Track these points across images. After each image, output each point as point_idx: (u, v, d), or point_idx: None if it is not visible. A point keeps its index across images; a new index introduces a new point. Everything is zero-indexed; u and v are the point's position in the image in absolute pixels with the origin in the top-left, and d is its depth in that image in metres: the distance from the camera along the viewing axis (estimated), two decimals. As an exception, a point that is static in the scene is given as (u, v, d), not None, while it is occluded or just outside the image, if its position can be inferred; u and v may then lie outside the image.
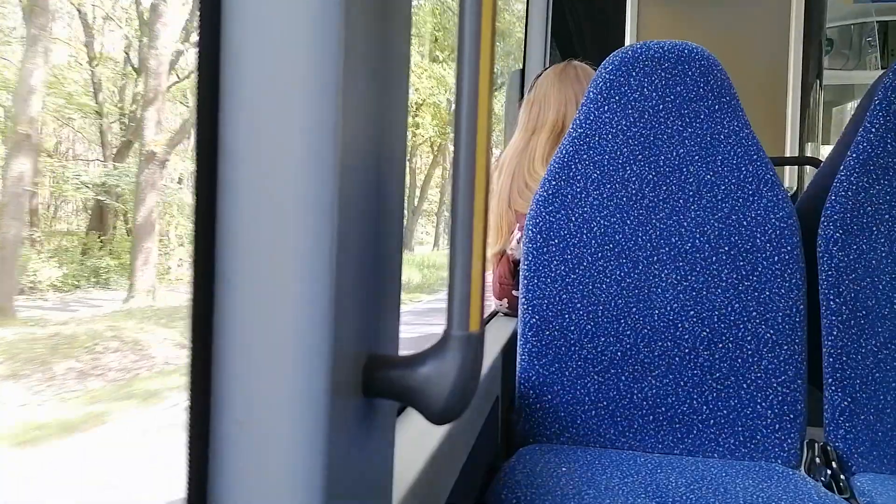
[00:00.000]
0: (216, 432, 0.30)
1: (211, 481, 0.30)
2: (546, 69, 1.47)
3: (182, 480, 0.30)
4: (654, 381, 1.01)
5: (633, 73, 1.04)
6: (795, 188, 2.23)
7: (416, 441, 0.56)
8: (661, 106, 1.04)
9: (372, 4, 0.32)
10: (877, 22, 3.22)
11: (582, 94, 1.34)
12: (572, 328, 1.03)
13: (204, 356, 0.29)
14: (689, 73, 1.03)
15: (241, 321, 0.29)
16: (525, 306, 1.05)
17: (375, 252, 0.34)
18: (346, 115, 0.29)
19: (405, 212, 0.40)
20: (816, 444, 0.98)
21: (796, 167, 2.22)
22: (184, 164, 12.68)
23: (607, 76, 1.05)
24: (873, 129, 0.99)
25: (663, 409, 1.01)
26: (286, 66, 0.28)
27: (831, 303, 0.99)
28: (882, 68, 3.10)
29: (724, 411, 0.99)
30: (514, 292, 1.36)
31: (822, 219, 1.00)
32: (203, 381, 0.29)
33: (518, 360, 1.05)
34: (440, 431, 0.59)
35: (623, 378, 1.02)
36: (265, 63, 0.29)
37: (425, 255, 19.97)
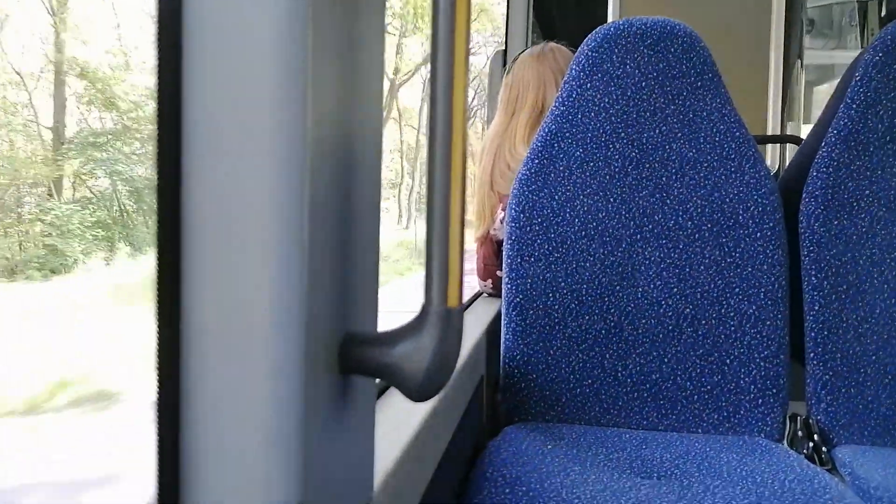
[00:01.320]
0: (188, 412, 0.29)
1: (183, 460, 0.29)
2: (523, 51, 1.46)
3: (153, 460, 0.29)
4: (638, 358, 1.01)
5: (616, 50, 1.03)
6: (777, 167, 2.24)
7: (399, 421, 0.56)
8: (643, 83, 1.03)
9: None
10: (857, 1, 3.23)
11: (560, 75, 1.34)
12: (556, 306, 1.03)
13: (172, 333, 0.29)
14: (672, 49, 1.02)
15: (211, 298, 0.28)
16: (509, 286, 1.04)
17: (352, 229, 0.34)
18: (317, 89, 0.28)
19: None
20: (799, 418, 0.99)
21: (779, 147, 2.23)
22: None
23: (590, 53, 1.04)
24: (854, 106, 0.99)
25: (647, 385, 1.01)
26: (253, 41, 0.27)
27: (813, 278, 0.99)
28: (862, 47, 3.12)
29: (708, 387, 1.00)
30: (498, 272, 1.35)
31: (804, 195, 1.00)
32: (172, 358, 0.29)
33: (502, 339, 1.05)
34: (424, 412, 0.58)
35: (607, 355, 1.02)
36: (231, 38, 0.28)
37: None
